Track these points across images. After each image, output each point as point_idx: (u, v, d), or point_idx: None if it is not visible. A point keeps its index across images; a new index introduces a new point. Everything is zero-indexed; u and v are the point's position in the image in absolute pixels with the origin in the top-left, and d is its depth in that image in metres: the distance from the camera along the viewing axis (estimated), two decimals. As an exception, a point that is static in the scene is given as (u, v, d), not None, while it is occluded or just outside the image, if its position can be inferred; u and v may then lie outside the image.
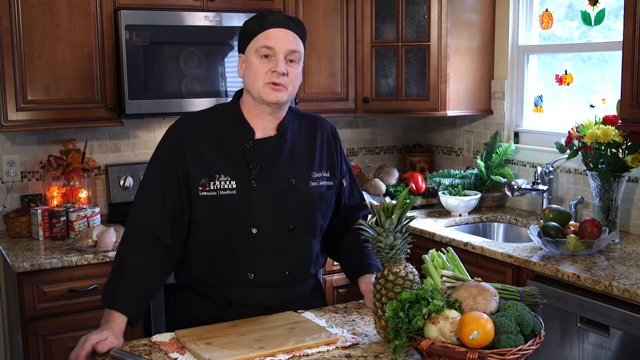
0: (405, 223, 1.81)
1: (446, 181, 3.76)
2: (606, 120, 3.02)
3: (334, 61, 3.79)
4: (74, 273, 2.96)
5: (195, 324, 1.97)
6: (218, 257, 2.05)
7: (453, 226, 3.55)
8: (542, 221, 2.95)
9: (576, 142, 3.13)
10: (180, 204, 2.02)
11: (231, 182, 2.01)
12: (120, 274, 1.98)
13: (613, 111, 3.08)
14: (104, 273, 2.94)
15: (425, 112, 3.79)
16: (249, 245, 2.02)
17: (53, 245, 3.14)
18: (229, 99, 2.21)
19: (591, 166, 3.03)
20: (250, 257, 2.03)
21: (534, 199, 3.66)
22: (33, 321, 2.90)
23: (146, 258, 1.99)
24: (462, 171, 3.85)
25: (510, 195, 3.48)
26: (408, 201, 2.32)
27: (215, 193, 2.00)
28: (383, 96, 3.85)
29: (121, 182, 3.57)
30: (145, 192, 2.05)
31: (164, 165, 2.03)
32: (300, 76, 2.06)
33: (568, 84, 3.54)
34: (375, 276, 1.88)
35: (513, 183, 3.47)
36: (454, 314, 1.66)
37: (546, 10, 3.64)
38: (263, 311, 2.05)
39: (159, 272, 2.03)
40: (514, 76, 3.82)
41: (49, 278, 2.91)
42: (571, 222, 2.96)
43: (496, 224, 3.66)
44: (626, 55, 2.70)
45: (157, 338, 1.92)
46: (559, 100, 3.71)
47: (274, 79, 1.98)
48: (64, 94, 3.18)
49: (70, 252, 3.03)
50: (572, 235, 2.85)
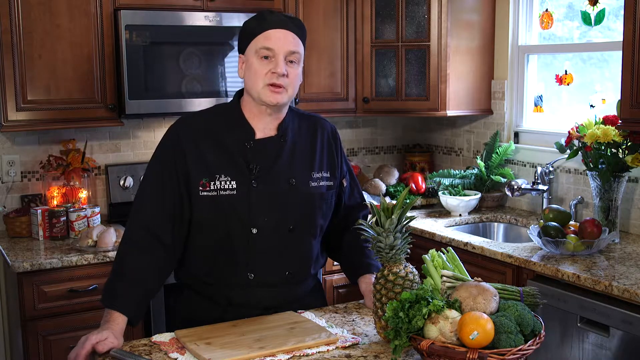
0: (405, 223, 1.81)
1: (446, 181, 3.76)
2: (606, 120, 3.02)
3: (334, 61, 3.79)
4: (74, 273, 2.96)
5: (195, 324, 1.97)
6: (218, 257, 2.05)
7: (453, 226, 3.55)
8: (542, 221, 2.95)
9: (576, 142, 3.13)
10: (180, 204, 2.02)
11: (231, 182, 2.01)
12: (121, 274, 1.98)
13: (613, 111, 3.08)
14: (104, 273, 2.94)
15: (425, 112, 3.79)
16: (249, 245, 2.02)
17: (53, 245, 3.14)
18: (229, 99, 2.21)
19: (591, 166, 3.03)
20: (250, 257, 2.03)
21: (534, 199, 3.66)
22: (33, 321, 2.90)
23: (146, 258, 1.99)
24: (462, 171, 3.85)
25: (510, 195, 3.48)
26: (408, 201, 2.32)
27: (216, 193, 2.00)
28: (383, 96, 3.85)
29: (121, 182, 3.57)
30: (146, 192, 2.05)
31: (164, 165, 2.03)
32: (301, 77, 2.06)
33: (568, 84, 3.54)
34: (375, 276, 1.88)
35: (513, 183, 3.47)
36: (454, 314, 1.65)
37: (546, 10, 3.64)
38: (263, 311, 2.05)
39: (159, 272, 2.03)
40: (514, 76, 3.82)
41: (49, 278, 2.91)
42: (571, 222, 2.96)
43: (496, 224, 3.66)
44: (626, 55, 2.70)
45: (157, 338, 1.92)
46: (559, 100, 3.70)
47: (273, 80, 1.98)
48: (64, 94, 3.18)
49: (70, 252, 3.03)
50: (572, 235, 2.85)
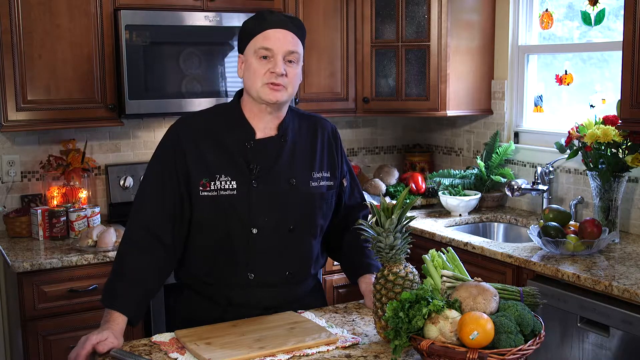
0: (405, 223, 1.81)
1: (446, 181, 3.76)
2: (606, 120, 3.02)
3: (334, 61, 3.79)
4: (74, 273, 2.96)
5: (195, 324, 1.97)
6: (218, 257, 2.05)
7: (453, 226, 3.55)
8: (542, 221, 2.95)
9: (576, 142, 3.13)
10: (180, 204, 2.02)
11: (231, 182, 2.01)
12: (120, 274, 1.98)
13: (613, 111, 3.08)
14: (104, 273, 2.94)
15: (425, 112, 3.79)
16: (249, 245, 2.02)
17: (53, 245, 3.14)
18: (229, 99, 2.21)
19: (591, 166, 3.03)
20: (250, 257, 2.03)
21: (534, 199, 3.66)
22: (33, 321, 2.90)
23: (146, 258, 1.99)
24: (462, 171, 3.85)
25: (510, 195, 3.48)
26: (408, 201, 2.32)
27: (216, 193, 2.00)
28: (383, 96, 3.85)
29: (121, 182, 3.57)
30: (146, 192, 2.05)
31: (164, 166, 2.03)
32: (300, 76, 2.06)
33: (568, 84, 3.54)
34: (375, 276, 1.88)
35: (513, 183, 3.47)
36: (454, 314, 1.65)
37: (546, 10, 3.64)
38: (263, 311, 2.05)
39: (159, 272, 2.03)
40: (514, 76, 3.82)
41: (49, 278, 2.91)
42: (571, 222, 2.96)
43: (496, 224, 3.66)
44: (626, 55, 2.70)
45: (157, 338, 1.92)
46: (559, 100, 3.70)
47: (272, 79, 1.97)
48: (64, 94, 3.18)
49: (70, 252, 3.03)
50: (572, 235, 2.85)
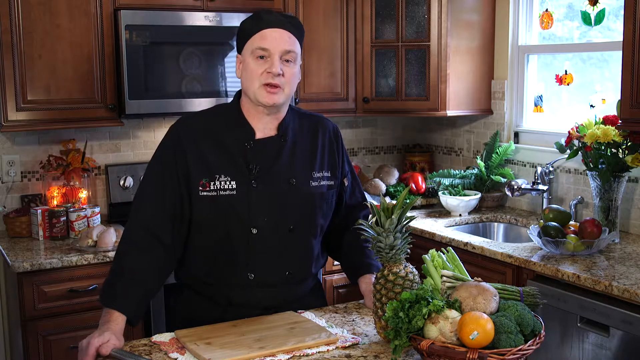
0: (405, 223, 1.81)
1: (446, 181, 3.76)
2: (606, 120, 3.02)
3: (334, 61, 3.79)
4: (74, 273, 2.96)
5: (195, 324, 1.97)
6: (218, 257, 2.05)
7: (453, 226, 3.55)
8: (542, 221, 2.95)
9: (576, 142, 3.13)
10: (180, 204, 2.02)
11: (231, 182, 2.01)
12: (120, 273, 1.98)
13: (613, 111, 3.08)
14: (104, 273, 2.93)
15: (425, 112, 3.79)
16: (249, 245, 2.02)
17: (53, 245, 3.14)
18: (229, 99, 2.21)
19: (591, 166, 3.03)
20: (250, 257, 2.03)
21: (534, 199, 3.66)
22: (33, 321, 2.90)
23: (146, 258, 1.99)
24: (462, 171, 3.85)
25: (510, 195, 3.48)
26: (408, 201, 2.32)
27: (216, 193, 2.00)
28: (383, 96, 3.85)
29: (121, 182, 3.57)
30: (146, 192, 2.05)
31: (164, 166, 2.03)
32: (298, 75, 2.05)
33: (568, 84, 3.54)
34: (375, 276, 1.88)
35: (513, 183, 3.47)
36: (454, 314, 1.65)
37: (546, 10, 3.64)
38: (263, 311, 2.05)
39: (159, 272, 2.02)
40: (514, 76, 3.82)
41: (49, 278, 2.91)
42: (571, 222, 2.96)
43: (496, 224, 3.66)
44: (626, 55, 2.70)
45: (157, 338, 1.92)
46: (559, 100, 3.70)
47: (269, 79, 1.97)
48: (64, 94, 3.18)
49: (70, 252, 3.03)
50: (572, 235, 2.85)
